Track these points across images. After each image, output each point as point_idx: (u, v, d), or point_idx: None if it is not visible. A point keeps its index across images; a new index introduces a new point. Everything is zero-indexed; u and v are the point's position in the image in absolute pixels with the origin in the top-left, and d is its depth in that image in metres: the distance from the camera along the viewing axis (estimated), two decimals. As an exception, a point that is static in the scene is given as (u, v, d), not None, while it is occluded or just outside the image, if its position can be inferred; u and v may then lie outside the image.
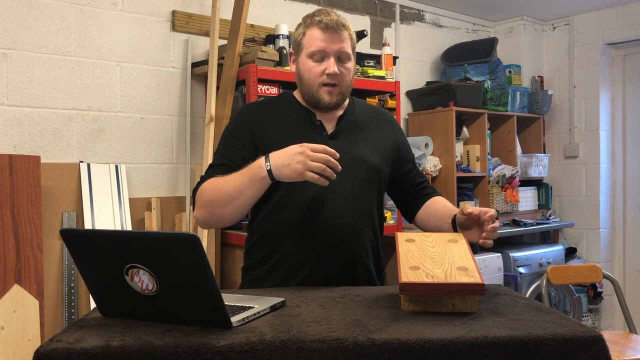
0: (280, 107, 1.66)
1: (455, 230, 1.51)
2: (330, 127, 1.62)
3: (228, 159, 1.57)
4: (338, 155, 1.37)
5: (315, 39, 1.54)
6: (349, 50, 1.56)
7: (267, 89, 2.71)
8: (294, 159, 1.36)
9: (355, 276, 1.56)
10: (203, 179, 1.57)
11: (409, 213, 1.77)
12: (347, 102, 1.67)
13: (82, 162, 2.62)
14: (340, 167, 1.36)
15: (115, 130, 2.73)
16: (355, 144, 1.61)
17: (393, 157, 1.68)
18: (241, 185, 1.44)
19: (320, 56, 1.54)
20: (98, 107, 2.69)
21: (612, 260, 4.32)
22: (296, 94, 1.66)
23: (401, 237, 1.38)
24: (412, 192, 1.74)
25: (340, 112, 1.64)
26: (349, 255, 1.55)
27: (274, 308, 1.19)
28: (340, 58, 1.55)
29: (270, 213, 1.57)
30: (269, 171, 1.39)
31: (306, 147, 1.36)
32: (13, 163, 2.38)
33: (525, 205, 4.17)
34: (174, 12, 2.90)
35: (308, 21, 1.57)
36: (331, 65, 1.53)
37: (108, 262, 1.08)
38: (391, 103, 3.29)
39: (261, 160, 1.41)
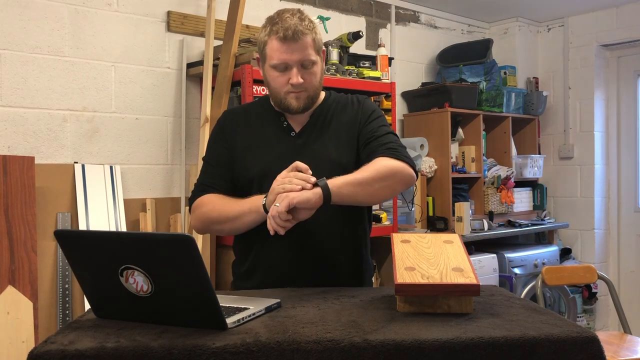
0: (254, 111, 1.69)
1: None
2: (299, 127, 1.62)
3: (215, 165, 1.63)
4: (306, 168, 1.40)
5: (275, 50, 1.51)
6: (312, 57, 1.53)
7: (263, 90, 2.70)
8: (276, 184, 1.40)
9: (332, 276, 1.55)
10: (197, 188, 1.62)
11: None
12: (321, 99, 1.66)
13: (76, 162, 2.61)
14: (310, 178, 1.38)
15: (110, 131, 2.72)
16: (320, 141, 1.60)
17: (355, 140, 1.61)
18: (241, 211, 1.50)
19: (282, 67, 1.52)
20: (93, 107, 2.68)
21: (607, 261, 4.33)
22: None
23: (397, 238, 1.38)
24: (364, 155, 1.60)
25: (311, 111, 1.63)
26: (321, 255, 1.55)
27: (269, 309, 1.19)
28: (304, 65, 1.53)
29: None
30: (264, 205, 1.43)
31: (284, 172, 1.41)
32: (7, 164, 2.36)
33: (520, 206, 4.19)
34: (169, 13, 2.89)
35: (268, 29, 1.53)
36: (294, 76, 1.52)
37: (103, 263, 1.08)
38: (387, 104, 3.29)
39: (262, 195, 1.46)
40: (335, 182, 1.40)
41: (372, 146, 1.56)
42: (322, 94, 1.68)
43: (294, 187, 1.36)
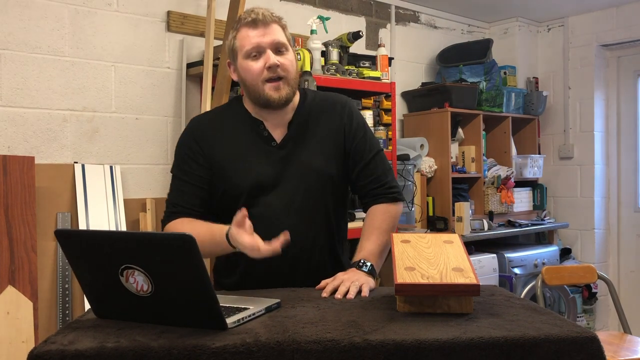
0: (229, 118, 1.61)
1: None
2: (279, 135, 1.56)
3: (187, 182, 1.56)
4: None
5: (246, 37, 1.49)
6: (284, 41, 1.51)
7: (263, 90, 2.70)
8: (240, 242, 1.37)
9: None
10: (169, 209, 1.57)
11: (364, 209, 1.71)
12: (296, 101, 1.60)
13: (76, 162, 2.61)
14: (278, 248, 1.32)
15: (110, 131, 2.72)
16: (304, 150, 1.55)
17: (341, 152, 1.59)
18: (209, 248, 1.44)
19: (256, 52, 1.49)
20: (93, 107, 2.68)
21: (607, 260, 4.33)
22: (245, 100, 1.62)
23: (397, 238, 1.38)
24: (357, 188, 1.65)
25: (289, 116, 1.58)
26: (306, 268, 1.53)
27: (269, 309, 1.19)
28: (278, 49, 1.50)
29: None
30: (227, 238, 1.40)
31: (259, 244, 1.36)
32: (7, 164, 2.36)
33: (520, 206, 4.18)
34: (169, 13, 2.89)
35: (236, 25, 1.53)
36: (270, 57, 1.48)
37: (103, 263, 1.08)
38: (386, 104, 3.30)
39: (225, 231, 1.42)
40: (375, 261, 1.51)
41: (369, 174, 1.60)
42: (297, 95, 1.61)
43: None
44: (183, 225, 1.53)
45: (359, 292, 1.36)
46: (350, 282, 1.37)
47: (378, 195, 1.62)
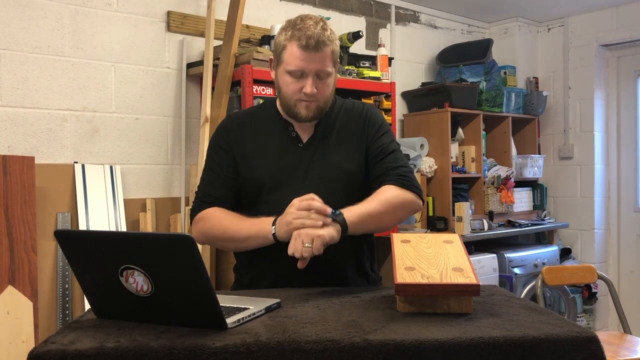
0: (260, 118, 1.66)
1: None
2: (306, 136, 1.61)
3: (219, 174, 1.60)
4: (325, 208, 1.37)
5: (294, 57, 1.51)
6: (329, 69, 1.54)
7: (263, 90, 2.70)
8: (286, 215, 1.40)
9: (339, 287, 1.51)
10: (200, 199, 1.60)
11: None
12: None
13: (76, 162, 2.61)
14: (327, 211, 1.37)
15: (110, 131, 2.72)
16: (329, 151, 1.59)
17: (362, 152, 1.62)
18: (248, 234, 1.48)
19: (298, 74, 1.52)
20: (93, 107, 2.68)
21: (607, 260, 4.33)
22: (278, 102, 1.65)
23: (397, 238, 1.38)
24: (373, 179, 1.63)
25: (317, 119, 1.62)
26: (327, 267, 1.51)
27: (269, 309, 1.19)
28: (320, 76, 1.53)
29: None
30: (274, 235, 1.43)
31: (295, 201, 1.40)
32: (7, 164, 2.36)
33: (520, 206, 4.19)
34: (169, 13, 2.89)
35: (289, 33, 1.52)
36: (308, 85, 1.51)
37: (103, 263, 1.08)
38: (386, 104, 3.30)
39: (270, 220, 1.44)
40: (351, 217, 1.43)
41: (383, 167, 1.58)
42: None
43: (314, 222, 1.35)
44: (214, 212, 1.55)
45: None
46: (304, 236, 1.35)
47: (391, 180, 1.56)
